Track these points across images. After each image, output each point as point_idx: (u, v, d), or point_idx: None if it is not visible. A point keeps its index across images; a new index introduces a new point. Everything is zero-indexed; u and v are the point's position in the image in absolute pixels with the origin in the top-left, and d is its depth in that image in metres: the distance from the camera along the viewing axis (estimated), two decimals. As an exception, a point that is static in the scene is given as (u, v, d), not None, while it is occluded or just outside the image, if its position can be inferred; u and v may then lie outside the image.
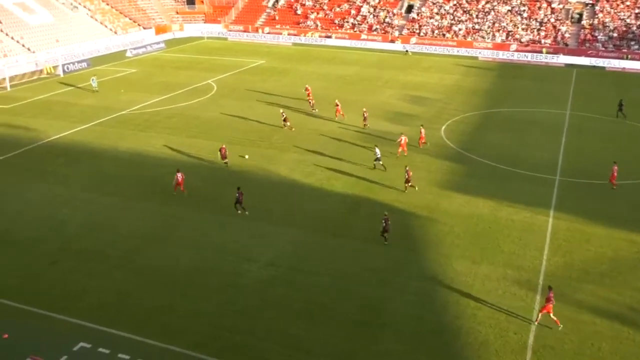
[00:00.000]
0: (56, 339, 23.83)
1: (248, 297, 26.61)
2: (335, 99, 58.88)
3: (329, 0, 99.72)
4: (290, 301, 26.38)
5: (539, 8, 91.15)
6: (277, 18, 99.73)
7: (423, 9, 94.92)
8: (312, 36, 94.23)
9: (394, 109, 56.06)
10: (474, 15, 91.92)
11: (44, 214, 34.12)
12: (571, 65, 79.01)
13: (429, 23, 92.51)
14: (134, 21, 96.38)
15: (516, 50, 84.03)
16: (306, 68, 74.77)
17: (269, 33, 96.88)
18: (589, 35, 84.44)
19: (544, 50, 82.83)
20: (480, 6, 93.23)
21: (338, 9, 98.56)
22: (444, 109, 56.38)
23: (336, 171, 40.18)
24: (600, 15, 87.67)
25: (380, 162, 40.32)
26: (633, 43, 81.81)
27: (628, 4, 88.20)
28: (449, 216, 34.24)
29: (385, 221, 30.84)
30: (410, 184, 37.23)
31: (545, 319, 25.25)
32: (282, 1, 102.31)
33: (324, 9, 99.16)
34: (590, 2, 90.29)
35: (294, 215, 33.95)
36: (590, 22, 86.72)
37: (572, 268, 29.15)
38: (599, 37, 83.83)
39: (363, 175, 39.64)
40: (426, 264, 29.29)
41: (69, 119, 52.04)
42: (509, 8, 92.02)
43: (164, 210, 34.54)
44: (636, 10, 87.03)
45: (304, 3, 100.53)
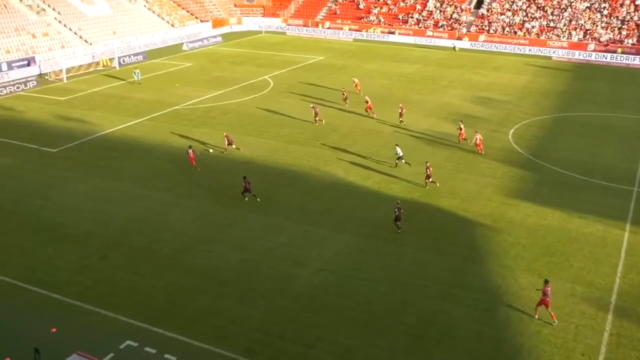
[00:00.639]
0: (103, 336, 24.62)
1: (299, 303, 26.80)
2: (397, 98, 58.64)
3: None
4: (342, 309, 26.44)
5: (621, 5, 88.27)
6: (339, 12, 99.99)
7: (494, 5, 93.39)
8: (375, 32, 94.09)
9: (458, 110, 55.39)
10: (549, 12, 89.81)
11: (95, 208, 35.28)
12: (655, 68, 76.29)
13: (499, 20, 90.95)
14: (192, 14, 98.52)
15: (594, 50, 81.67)
16: (367, 65, 74.72)
17: (329, 28, 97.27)
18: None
19: (619, 50, 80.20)
20: (555, 2, 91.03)
21: (402, 4, 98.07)
22: (513, 111, 55.34)
23: (393, 175, 40.01)
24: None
25: (402, 161, 40.73)
26: None
27: None
28: (514, 226, 33.61)
29: (398, 209, 32.35)
30: (431, 180, 37.96)
31: (543, 314, 26.00)
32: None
33: (387, 4, 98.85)
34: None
35: (348, 220, 33.99)
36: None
37: (649, 288, 28.17)
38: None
39: (422, 180, 39.33)
40: (488, 276, 28.84)
41: (123, 113, 53.64)
42: (588, 5, 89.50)
43: (216, 210, 35.17)
44: None
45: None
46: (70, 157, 43.22)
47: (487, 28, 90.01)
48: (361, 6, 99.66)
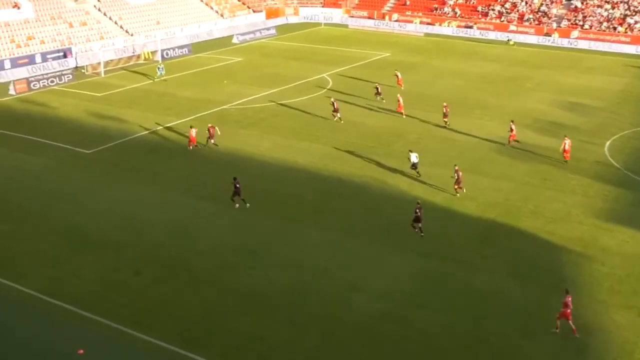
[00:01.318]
0: (134, 358, 24.77)
1: (354, 333, 26.44)
2: (472, 102, 57.89)
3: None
4: (404, 342, 25.93)
5: None
6: (408, 3, 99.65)
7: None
8: (449, 26, 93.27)
9: (544, 116, 54.18)
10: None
11: (130, 216, 35.82)
12: None
13: (595, 13, 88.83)
14: (243, 3, 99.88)
15: None
16: (439, 63, 74.07)
17: (397, 21, 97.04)
18: None
19: None
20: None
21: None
22: (610, 120, 53.76)
23: (468, 188, 39.29)
24: None
25: (416, 170, 40.98)
26: None
27: None
28: (608, 254, 32.46)
29: (418, 209, 33.30)
30: (459, 186, 38.08)
31: (564, 327, 26.13)
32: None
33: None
34: None
35: (412, 239, 33.49)
36: None
37: None
38: None
39: (504, 196, 38.48)
40: (577, 310, 27.85)
41: (164, 112, 54.55)
42: None
43: (262, 222, 35.22)
44: None
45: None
46: (105, 159, 44.10)
47: (581, 23, 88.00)
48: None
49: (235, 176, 37.38)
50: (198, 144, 45.90)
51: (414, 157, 41.12)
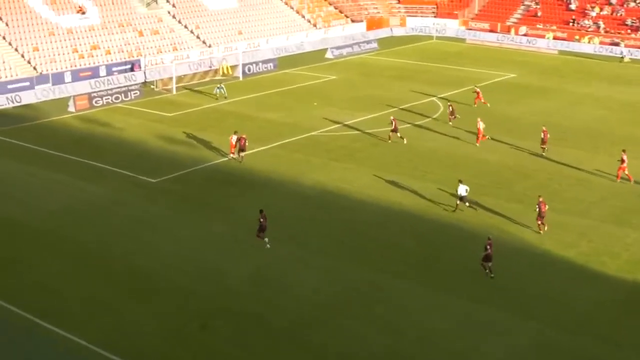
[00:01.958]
0: None
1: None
2: (617, 136, 56.55)
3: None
4: None
5: None
6: (540, 14, 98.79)
7: None
8: (590, 42, 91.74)
9: None
10: None
11: (200, 258, 36.59)
12: None
13: None
14: (340, 11, 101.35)
15: None
16: (577, 88, 72.80)
17: (525, 35, 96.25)
18: None
19: None
20: None
21: (634, 4, 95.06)
22: None
23: (610, 243, 38.27)
24: None
25: (466, 204, 41.73)
26: None
27: None
28: None
29: (488, 246, 34.29)
30: (542, 222, 39.22)
31: None
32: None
33: (611, 3, 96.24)
34: None
35: (539, 303, 32.81)
36: None
37: None
38: None
39: (653, 254, 37.32)
40: None
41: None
42: None
43: (355, 273, 35.28)
44: None
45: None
46: (173, 191, 45.28)
47: None
48: (572, 6, 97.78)
49: (262, 208, 38.01)
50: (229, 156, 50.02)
51: (462, 190, 41.56)
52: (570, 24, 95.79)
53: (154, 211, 42.29)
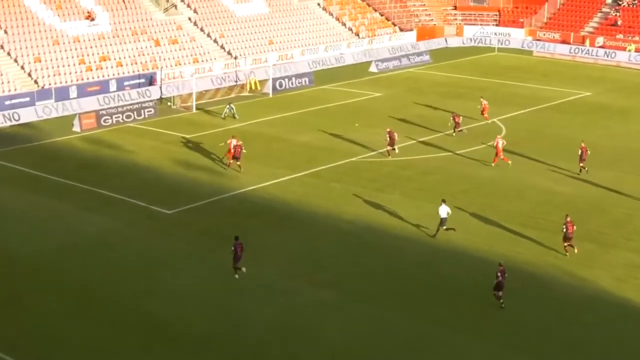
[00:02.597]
0: None
1: None
2: None
3: None
4: None
5: None
6: (620, 23, 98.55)
7: None
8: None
9: None
10: None
11: (221, 302, 36.79)
12: None
13: None
14: (387, 19, 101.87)
15: None
16: (663, 109, 72.58)
17: (602, 47, 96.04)
18: None
19: None
20: None
21: None
22: None
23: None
24: None
25: (443, 227, 42.97)
26: None
27: None
28: None
29: (500, 274, 35.53)
30: (569, 244, 40.96)
31: None
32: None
33: None
34: None
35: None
36: None
37: None
38: None
39: None
40: None
41: (274, 163, 56.28)
42: None
43: (403, 323, 35.27)
44: None
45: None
46: (191, 224, 45.69)
47: None
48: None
49: (238, 235, 38.80)
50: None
51: (443, 212, 42.65)
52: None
53: (169, 247, 42.65)
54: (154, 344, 33.57)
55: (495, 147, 55.19)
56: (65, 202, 48.74)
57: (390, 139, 56.56)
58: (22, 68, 72.55)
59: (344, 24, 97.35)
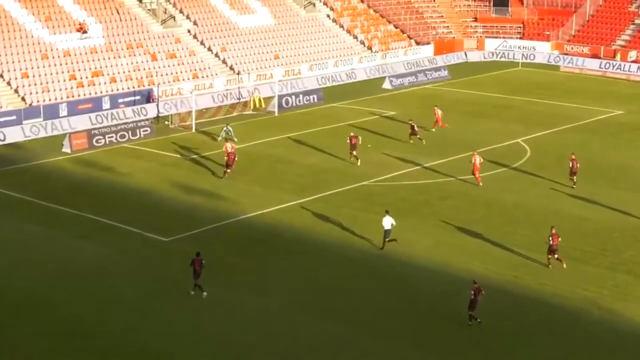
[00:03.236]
0: None
1: None
2: None
3: None
4: None
5: None
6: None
7: None
8: None
9: None
10: None
11: (223, 338, 36.63)
12: None
13: None
14: (402, 31, 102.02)
15: None
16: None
17: (635, 61, 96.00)
18: None
19: None
20: None
21: None
22: None
23: None
24: None
25: (386, 239, 45.09)
26: None
27: None
28: None
29: (474, 292, 36.70)
30: (557, 256, 42.77)
31: None
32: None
33: None
34: None
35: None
36: None
37: None
38: None
39: None
40: None
41: (279, 185, 56.35)
42: None
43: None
44: None
45: None
46: (189, 253, 44.98)
47: None
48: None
49: (199, 251, 40.01)
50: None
51: (387, 223, 44.73)
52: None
53: (165, 276, 42.50)
54: (150, 382, 33.55)
55: (472, 164, 56.38)
56: (54, 229, 48.72)
57: (351, 145, 60.40)
58: (9, 84, 72.74)
59: (355, 37, 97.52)
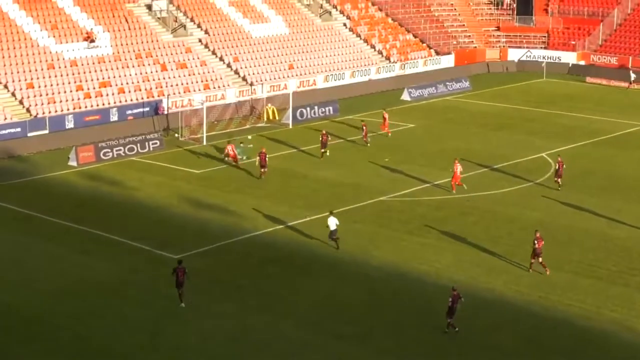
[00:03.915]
0: None
1: None
2: None
3: None
4: None
5: None
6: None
7: None
8: None
9: None
10: None
11: (232, 357, 36.73)
12: None
13: None
14: (422, 41, 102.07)
15: None
16: None
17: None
18: None
19: None
20: None
21: None
22: None
23: None
24: None
25: (334, 237, 47.32)
26: None
27: None
28: None
29: (453, 299, 37.31)
30: (540, 261, 44.17)
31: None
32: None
33: None
34: None
35: None
36: None
37: None
38: None
39: None
40: None
41: (293, 201, 56.49)
42: None
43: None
44: None
45: None
46: (200, 271, 45.46)
47: None
48: None
49: (181, 259, 40.51)
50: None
51: (332, 223, 46.26)
52: None
53: (175, 296, 42.60)
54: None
55: (453, 172, 57.51)
56: (60, 245, 48.97)
57: (322, 142, 64.84)
58: (13, 95, 72.94)
59: (373, 47, 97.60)
